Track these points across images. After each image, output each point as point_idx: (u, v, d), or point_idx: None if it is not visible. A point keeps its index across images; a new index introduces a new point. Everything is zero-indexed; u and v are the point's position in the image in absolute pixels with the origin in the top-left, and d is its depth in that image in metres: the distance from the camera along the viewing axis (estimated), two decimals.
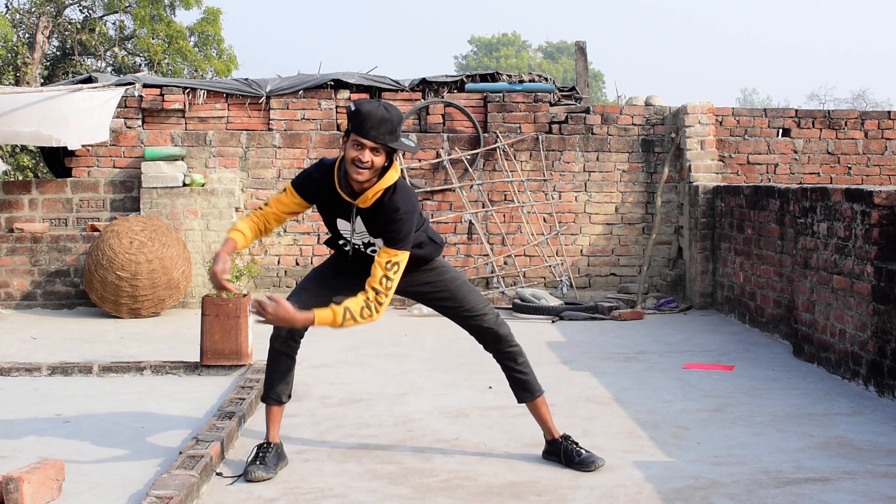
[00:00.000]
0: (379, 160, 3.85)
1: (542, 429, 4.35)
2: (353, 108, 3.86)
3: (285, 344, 4.25)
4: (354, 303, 3.86)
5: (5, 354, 6.82)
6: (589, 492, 3.87)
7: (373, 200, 3.94)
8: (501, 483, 3.99)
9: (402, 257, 3.93)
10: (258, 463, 4.07)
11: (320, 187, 4.07)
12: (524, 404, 4.36)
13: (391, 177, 3.93)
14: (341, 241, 4.18)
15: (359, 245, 4.13)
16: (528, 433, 4.73)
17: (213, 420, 4.64)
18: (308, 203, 4.17)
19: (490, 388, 5.76)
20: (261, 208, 4.21)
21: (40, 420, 4.99)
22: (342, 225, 4.11)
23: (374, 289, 3.88)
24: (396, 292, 4.12)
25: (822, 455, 4.36)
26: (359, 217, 4.02)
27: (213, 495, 3.84)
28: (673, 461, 4.27)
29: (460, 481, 4.02)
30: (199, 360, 6.07)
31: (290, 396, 4.32)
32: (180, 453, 4.09)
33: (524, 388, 4.33)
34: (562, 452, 4.23)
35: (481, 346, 4.35)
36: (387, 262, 3.90)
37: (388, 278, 3.90)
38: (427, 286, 4.26)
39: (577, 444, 4.25)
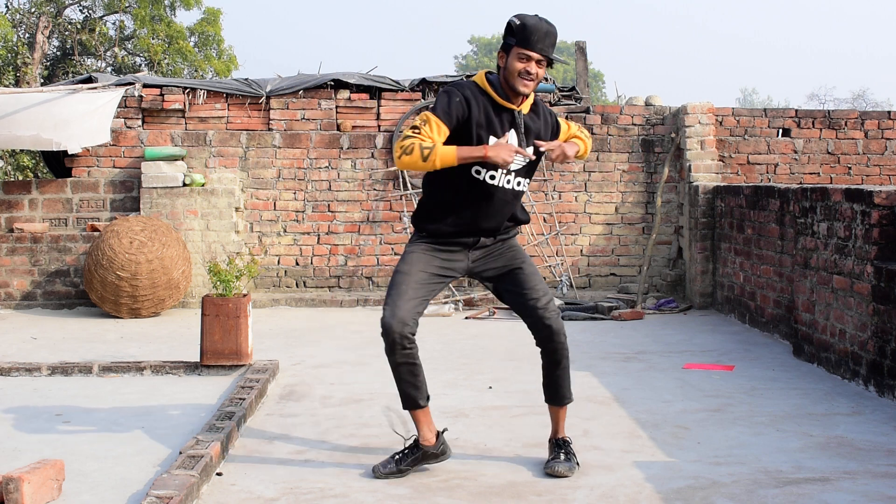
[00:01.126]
0: (542, 72, 3.99)
1: (552, 426, 4.33)
2: (518, 23, 3.93)
3: (401, 353, 4.06)
4: (583, 135, 4.24)
5: (5, 354, 6.82)
6: (589, 492, 3.87)
7: (530, 105, 4.09)
8: (501, 483, 3.99)
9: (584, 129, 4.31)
10: (393, 461, 4.12)
11: (474, 106, 3.96)
12: (549, 405, 4.32)
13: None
14: (486, 174, 3.99)
15: (512, 172, 4.02)
16: (528, 433, 4.73)
17: (213, 420, 4.64)
18: (450, 130, 3.94)
19: (490, 388, 5.76)
20: (411, 136, 3.85)
21: (40, 420, 4.99)
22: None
23: (580, 132, 4.25)
24: (472, 274, 4.21)
25: (822, 455, 4.36)
26: (523, 129, 4.03)
27: (213, 495, 3.84)
28: (673, 461, 4.27)
29: (460, 481, 4.02)
30: (199, 360, 6.07)
31: (428, 399, 4.19)
32: (180, 453, 4.09)
33: (556, 390, 4.26)
34: (550, 449, 4.24)
35: (534, 339, 4.21)
36: (574, 126, 4.27)
37: (580, 128, 4.30)
38: (504, 266, 4.19)
39: (566, 449, 4.19)
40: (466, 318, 8.69)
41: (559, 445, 4.23)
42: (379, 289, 9.78)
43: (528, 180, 4.16)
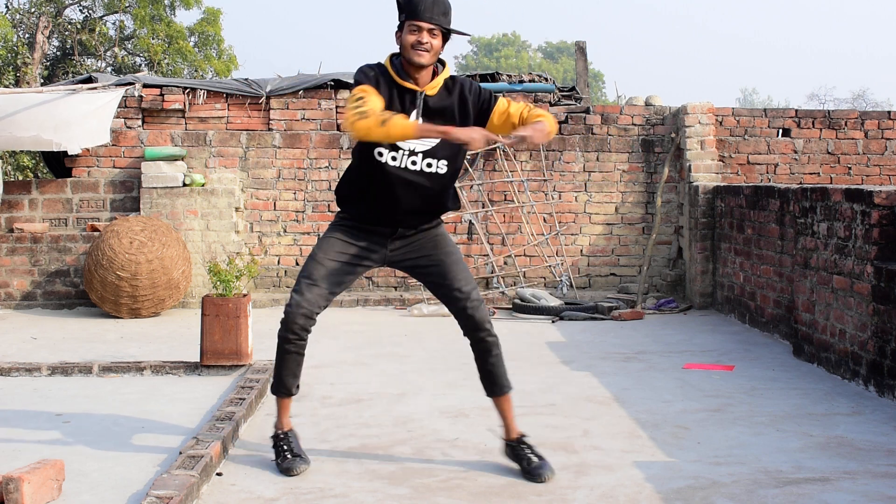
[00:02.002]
0: (437, 43, 3.91)
1: (502, 425, 4.26)
2: None
3: (296, 344, 4.16)
4: (537, 111, 4.00)
5: (5, 354, 6.82)
6: (589, 492, 3.87)
7: (439, 86, 3.98)
8: (501, 483, 3.99)
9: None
10: (289, 456, 4.12)
11: (380, 79, 3.95)
12: (491, 398, 4.25)
13: (448, 70, 4.02)
14: (388, 155, 3.94)
15: (418, 154, 3.95)
16: (529, 433, 4.73)
17: (213, 420, 4.64)
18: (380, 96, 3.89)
19: None
20: (360, 106, 3.76)
21: (40, 420, 4.99)
22: None
23: (531, 111, 4.00)
24: (391, 264, 4.15)
25: (822, 455, 4.36)
26: (423, 110, 3.93)
27: (213, 495, 3.84)
28: (673, 461, 4.27)
29: (460, 481, 4.02)
30: (199, 360, 6.07)
31: (298, 388, 4.29)
32: (180, 453, 4.09)
33: (493, 381, 4.20)
34: (513, 455, 4.17)
35: (461, 330, 4.18)
36: (512, 102, 4.05)
37: (528, 105, 4.07)
38: (425, 257, 4.14)
39: (531, 448, 4.14)
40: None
41: (522, 446, 4.14)
42: (379, 288, 9.78)
43: (446, 163, 3.99)
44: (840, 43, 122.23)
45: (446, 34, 3.94)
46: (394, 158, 3.97)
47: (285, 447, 4.20)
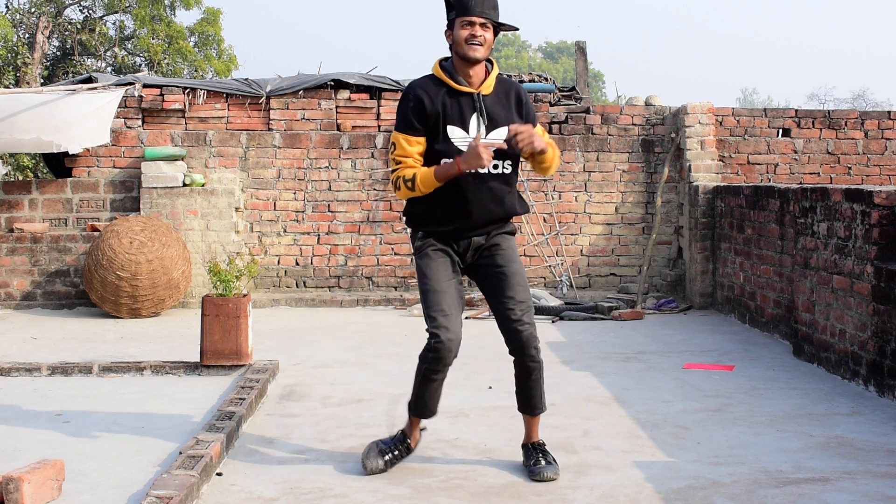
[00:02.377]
0: (489, 36, 3.93)
1: (524, 431, 4.27)
2: None
3: (444, 373, 4.07)
4: (552, 147, 4.08)
5: (5, 354, 6.82)
6: (589, 492, 3.87)
7: (493, 85, 4.01)
8: (501, 483, 3.99)
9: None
10: (384, 456, 4.15)
11: (427, 101, 3.93)
12: (520, 413, 4.26)
13: (497, 67, 4.05)
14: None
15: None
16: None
17: (214, 420, 4.64)
18: (422, 136, 3.96)
19: (490, 388, 5.76)
20: (398, 167, 3.95)
21: (40, 420, 4.99)
22: (458, 134, 3.94)
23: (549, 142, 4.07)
24: (465, 271, 4.14)
25: (822, 455, 4.36)
26: (485, 112, 3.95)
27: (213, 495, 3.84)
28: (673, 461, 4.27)
29: (460, 481, 4.02)
30: (199, 360, 6.07)
31: (437, 411, 4.26)
32: (180, 453, 4.09)
33: (527, 401, 4.19)
34: (524, 454, 4.18)
35: (507, 348, 4.14)
36: (544, 132, 4.11)
37: (550, 140, 4.10)
38: (491, 267, 4.09)
39: (544, 452, 4.14)
40: (466, 318, 8.69)
41: (536, 449, 4.15)
42: (379, 289, 9.78)
43: (508, 162, 4.02)
44: (840, 43, 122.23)
45: (496, 28, 3.96)
46: None
47: (396, 452, 4.18)
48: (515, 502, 3.77)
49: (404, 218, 4.20)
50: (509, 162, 4.05)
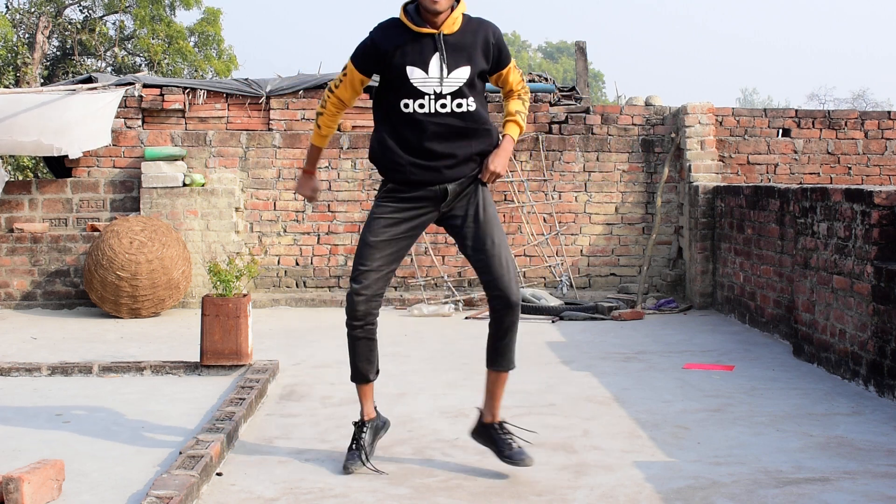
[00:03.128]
0: None
1: (485, 405, 4.19)
2: None
3: (363, 329, 4.12)
4: (518, 104, 4.06)
5: (5, 354, 6.82)
6: (589, 492, 3.87)
7: (458, 24, 3.97)
8: (501, 483, 3.99)
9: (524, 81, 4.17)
10: (353, 448, 4.15)
11: (387, 42, 3.93)
12: (487, 369, 4.17)
13: (464, 5, 4.00)
14: (415, 104, 3.94)
15: (446, 96, 3.92)
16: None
17: (213, 420, 4.64)
18: (369, 76, 4.03)
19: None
20: (333, 92, 4.09)
21: (40, 420, 4.99)
22: (418, 75, 3.91)
23: (520, 92, 4.12)
24: (440, 221, 4.13)
25: (822, 455, 4.36)
26: (446, 50, 3.91)
27: (213, 495, 3.84)
28: (673, 461, 4.27)
29: (460, 481, 4.02)
30: (199, 360, 6.07)
31: (377, 373, 4.25)
32: (180, 453, 4.09)
33: (499, 352, 4.10)
34: (493, 440, 4.14)
35: (487, 299, 4.10)
36: (516, 70, 4.10)
37: (522, 82, 4.13)
38: (464, 216, 4.05)
39: (510, 434, 4.13)
40: (466, 318, 8.69)
41: (502, 432, 4.12)
42: None
43: (473, 99, 3.96)
44: (840, 43, 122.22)
45: None
46: (421, 106, 3.95)
47: (359, 438, 4.19)
48: (515, 502, 3.77)
49: (369, 158, 4.20)
50: (472, 99, 3.99)
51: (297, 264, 9.78)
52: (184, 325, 8.19)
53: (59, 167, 9.96)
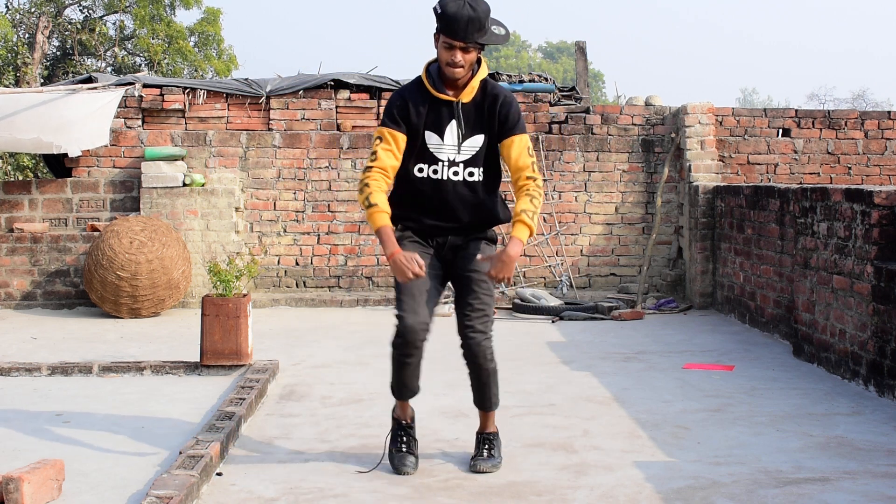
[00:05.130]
0: (471, 57, 3.90)
1: (480, 422, 4.30)
2: (439, 10, 3.83)
3: (416, 356, 4.06)
4: (527, 203, 3.96)
5: (5, 354, 6.82)
6: (589, 492, 3.87)
7: (475, 92, 3.98)
8: (501, 483, 3.99)
9: (529, 140, 4.08)
10: (404, 451, 4.13)
11: (412, 103, 3.97)
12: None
13: (484, 69, 4.00)
14: (429, 170, 3.99)
15: (459, 164, 3.98)
16: (529, 433, 4.74)
17: (213, 420, 4.64)
18: (404, 132, 3.98)
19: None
20: (371, 168, 3.95)
21: (40, 420, 4.99)
22: (434, 141, 3.98)
23: (531, 178, 4.01)
24: (446, 275, 4.12)
25: (822, 455, 4.36)
26: (463, 119, 3.95)
27: (213, 495, 3.84)
28: (673, 461, 4.27)
29: (460, 481, 4.02)
30: (199, 360, 6.07)
31: (419, 387, 4.23)
32: (180, 453, 4.09)
33: (482, 396, 4.23)
34: (476, 442, 4.24)
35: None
36: (526, 148, 4.04)
37: (534, 162, 4.07)
38: (460, 267, 4.08)
39: (491, 445, 4.19)
40: None
41: (484, 440, 4.21)
42: (379, 288, 9.77)
43: (481, 169, 4.02)
44: (840, 43, 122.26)
45: (483, 45, 3.93)
46: (435, 171, 4.01)
47: (405, 437, 4.18)
48: (515, 502, 3.77)
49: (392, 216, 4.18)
50: (482, 169, 4.05)
51: (297, 264, 9.78)
52: (184, 325, 8.19)
53: (59, 167, 9.96)
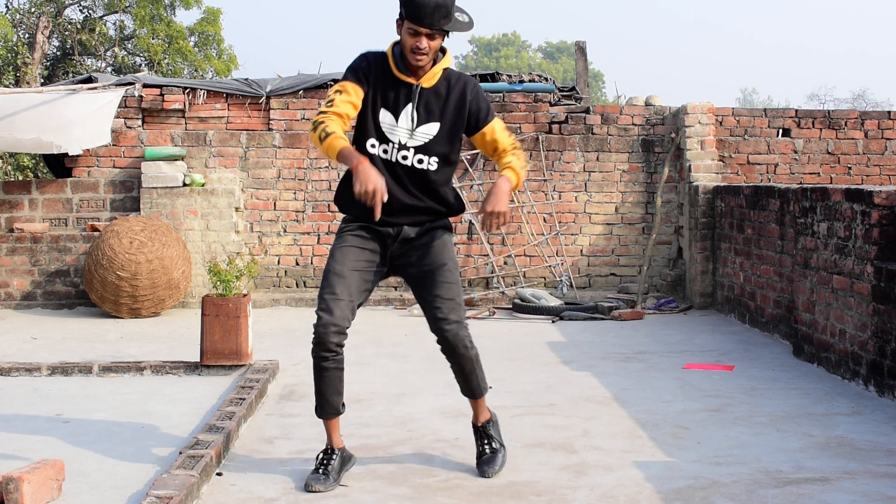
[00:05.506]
0: (436, 43, 3.84)
1: (472, 412, 4.28)
2: None
3: (335, 360, 3.93)
4: (510, 157, 3.94)
5: (5, 354, 6.82)
6: (589, 492, 3.87)
7: (437, 78, 3.92)
8: (501, 483, 3.99)
9: (501, 121, 4.03)
10: (320, 472, 3.94)
11: (374, 72, 3.89)
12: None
13: (448, 58, 3.95)
14: (380, 148, 3.90)
15: (409, 149, 3.88)
16: (529, 433, 4.74)
17: (213, 420, 4.64)
18: (364, 90, 3.89)
19: (490, 387, 5.75)
20: (325, 112, 3.82)
21: (40, 420, 4.99)
22: (388, 120, 3.89)
23: (514, 148, 3.99)
24: (393, 270, 4.05)
25: (822, 455, 4.36)
26: (420, 103, 3.88)
27: (213, 495, 3.84)
28: (673, 461, 4.27)
29: (460, 481, 4.02)
30: (199, 360, 6.07)
31: (344, 406, 4.10)
32: (180, 453, 4.09)
33: (466, 388, 4.19)
34: (475, 437, 4.20)
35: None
36: (503, 130, 4.01)
37: (512, 138, 4.02)
38: (417, 265, 3.99)
39: (489, 437, 4.15)
40: (466, 317, 8.67)
41: (482, 434, 4.17)
42: (379, 289, 9.77)
43: (437, 160, 3.91)
44: (840, 43, 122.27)
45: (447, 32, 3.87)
46: (385, 151, 3.91)
47: (328, 463, 3.98)
48: (515, 502, 3.77)
49: (336, 202, 4.07)
50: (436, 159, 3.92)
51: (297, 264, 9.78)
52: (184, 325, 8.19)
53: (59, 167, 9.96)
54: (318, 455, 4.07)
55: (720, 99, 77.77)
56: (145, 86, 9.68)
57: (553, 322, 8.39)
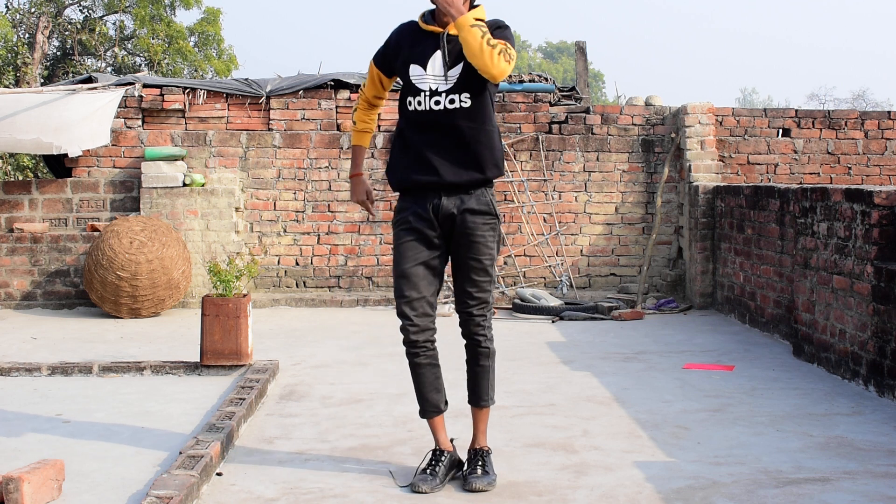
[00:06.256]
0: None
1: (473, 431, 4.15)
2: None
3: (426, 354, 4.03)
4: (495, 41, 3.77)
5: (5, 354, 6.82)
6: (589, 492, 3.87)
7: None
8: (501, 483, 3.99)
9: (513, 49, 3.79)
10: (427, 472, 3.92)
11: (400, 41, 3.99)
12: (469, 406, 4.18)
13: (482, 10, 3.90)
14: (415, 101, 3.91)
15: (441, 93, 3.85)
16: (528, 433, 4.74)
17: (213, 420, 4.64)
18: (390, 75, 4.08)
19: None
20: (359, 98, 4.23)
21: (40, 420, 4.99)
22: (417, 72, 3.90)
23: (496, 45, 3.74)
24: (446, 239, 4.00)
25: (822, 455, 4.36)
26: (448, 49, 3.86)
27: (213, 495, 3.84)
28: (673, 461, 4.27)
29: (460, 481, 4.01)
30: (199, 360, 6.07)
31: (447, 403, 4.12)
32: (180, 453, 4.09)
33: (475, 389, 4.12)
34: (467, 459, 4.06)
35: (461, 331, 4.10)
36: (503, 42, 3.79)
37: (504, 47, 3.76)
38: (458, 245, 3.96)
39: (484, 462, 3.99)
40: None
41: (476, 457, 4.01)
42: (379, 289, 9.77)
43: (468, 95, 3.84)
44: (840, 42, 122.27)
45: None
46: (419, 104, 3.91)
47: (436, 465, 3.96)
48: (515, 502, 3.77)
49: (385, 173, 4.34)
50: (467, 94, 3.87)
51: (297, 264, 9.78)
52: (184, 325, 8.19)
53: (59, 167, 9.96)
54: (426, 455, 4.07)
55: (720, 99, 77.81)
56: (145, 86, 9.68)
57: (553, 322, 8.39)
